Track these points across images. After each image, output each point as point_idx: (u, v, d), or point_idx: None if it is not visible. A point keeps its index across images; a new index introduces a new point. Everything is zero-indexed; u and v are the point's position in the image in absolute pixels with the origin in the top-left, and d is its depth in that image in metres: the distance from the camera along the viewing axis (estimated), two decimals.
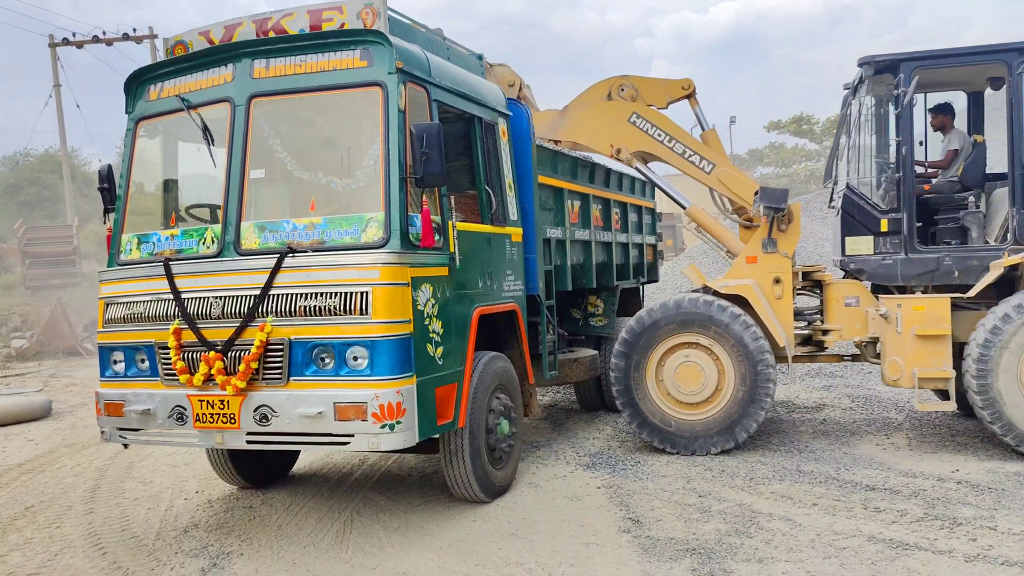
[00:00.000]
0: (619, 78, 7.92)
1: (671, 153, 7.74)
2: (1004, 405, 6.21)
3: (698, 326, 6.83)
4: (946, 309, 6.48)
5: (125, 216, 5.60)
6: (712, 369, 6.82)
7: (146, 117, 5.60)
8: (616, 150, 7.78)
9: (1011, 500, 5.32)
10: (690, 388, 6.86)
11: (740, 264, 7.27)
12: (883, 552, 4.52)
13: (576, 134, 7.86)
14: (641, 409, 6.94)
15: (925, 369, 6.49)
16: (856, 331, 7.11)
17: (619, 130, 7.77)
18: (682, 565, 4.47)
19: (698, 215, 7.95)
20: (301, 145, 5.43)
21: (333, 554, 4.91)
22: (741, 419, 6.72)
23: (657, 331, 6.93)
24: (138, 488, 6.74)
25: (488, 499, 5.68)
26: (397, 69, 4.91)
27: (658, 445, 6.92)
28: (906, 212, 6.79)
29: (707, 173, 7.70)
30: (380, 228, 4.78)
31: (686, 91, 7.92)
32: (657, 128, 7.73)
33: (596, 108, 7.91)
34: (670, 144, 7.73)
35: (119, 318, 5.37)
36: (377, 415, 4.61)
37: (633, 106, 7.79)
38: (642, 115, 7.75)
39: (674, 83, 7.95)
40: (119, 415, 5.27)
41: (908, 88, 6.66)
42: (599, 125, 7.84)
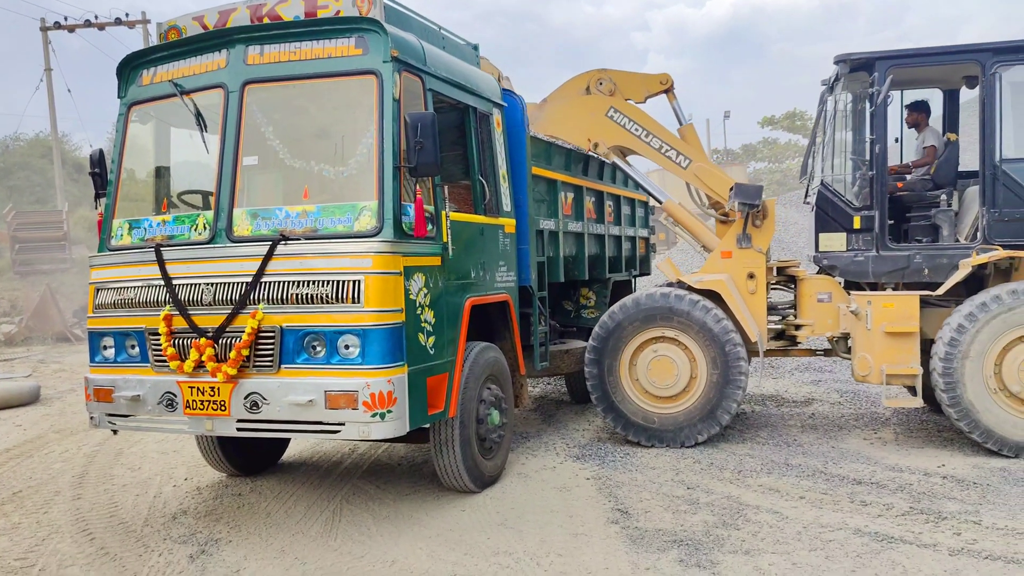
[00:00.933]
0: (597, 72, 7.92)
1: (648, 148, 7.76)
2: (972, 406, 6.25)
3: (661, 319, 6.89)
4: (915, 307, 6.52)
5: (116, 201, 5.57)
6: (683, 359, 6.87)
7: (138, 102, 5.57)
8: (593, 144, 7.79)
9: (996, 495, 5.37)
10: (665, 381, 6.90)
11: (715, 259, 7.30)
12: (868, 545, 4.56)
13: (554, 128, 7.84)
14: (622, 411, 6.97)
15: (893, 366, 6.54)
16: (828, 327, 7.15)
17: (596, 124, 7.77)
18: (669, 556, 4.50)
19: (674, 209, 7.96)
20: (295, 132, 5.41)
21: (322, 542, 4.92)
22: (720, 402, 6.76)
23: (623, 331, 6.98)
24: (127, 474, 6.73)
25: (477, 489, 5.70)
26: (392, 58, 4.90)
27: (645, 443, 6.94)
28: (878, 210, 6.83)
29: (683, 168, 7.71)
30: (373, 217, 4.78)
31: (664, 86, 7.93)
32: (634, 123, 7.74)
33: (574, 102, 7.91)
34: (647, 139, 7.74)
35: (109, 303, 5.35)
36: (368, 404, 4.61)
37: (611, 100, 7.80)
38: (619, 109, 7.76)
39: (652, 78, 7.97)
40: (108, 401, 5.25)
41: (883, 86, 6.68)
42: (577, 119, 7.83)
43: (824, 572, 4.21)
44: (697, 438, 6.84)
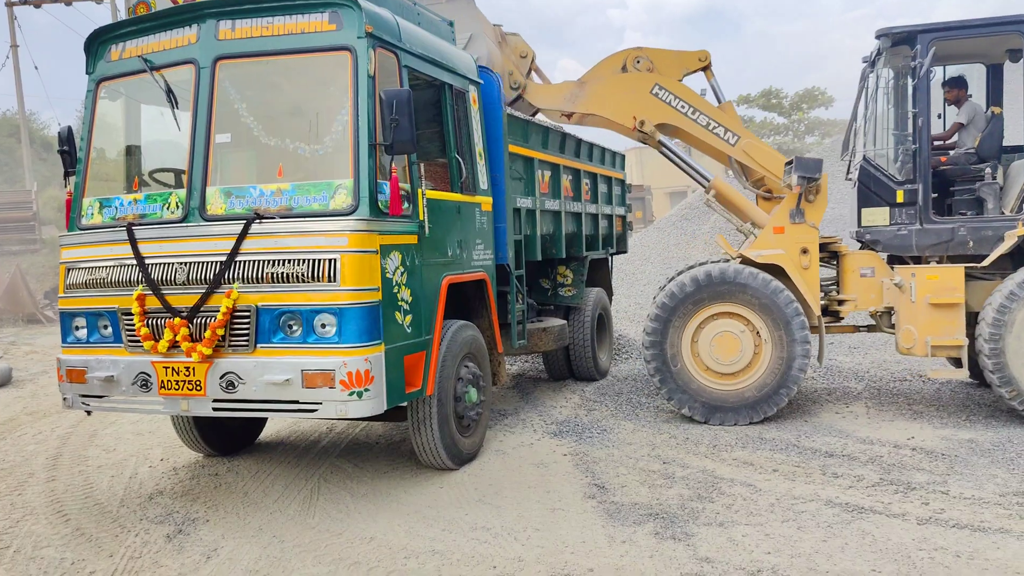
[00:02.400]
0: (633, 50, 7.79)
1: (695, 125, 7.63)
2: (1014, 369, 6.35)
3: (732, 295, 6.81)
4: (960, 278, 6.57)
5: (86, 180, 5.49)
6: (748, 335, 6.83)
7: (107, 78, 5.47)
8: (639, 122, 7.60)
9: (963, 466, 5.49)
10: (730, 358, 6.84)
11: (767, 235, 7.21)
12: (839, 516, 4.65)
13: (596, 106, 7.72)
14: (684, 389, 6.90)
15: (938, 337, 6.59)
16: (871, 301, 7.15)
17: (641, 102, 7.63)
18: (645, 529, 4.56)
19: (723, 187, 7.82)
20: (268, 109, 5.35)
21: (300, 520, 4.93)
22: (785, 378, 6.72)
23: (691, 304, 6.89)
24: (101, 456, 6.68)
25: (455, 466, 5.73)
26: (366, 33, 4.85)
27: (699, 419, 6.89)
28: (922, 183, 6.82)
29: (732, 145, 7.61)
30: (349, 195, 4.75)
31: (702, 63, 7.81)
32: (680, 99, 7.62)
33: (617, 79, 7.75)
34: (693, 116, 7.62)
35: (81, 283, 5.29)
36: (345, 382, 4.61)
37: (655, 77, 7.65)
38: (664, 86, 7.62)
39: (690, 55, 7.84)
40: (81, 381, 5.21)
41: (924, 60, 6.66)
42: (620, 97, 7.69)
43: (796, 543, 4.29)
44: (753, 418, 6.80)
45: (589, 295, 8.86)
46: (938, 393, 7.81)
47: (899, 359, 9.80)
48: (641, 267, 14.38)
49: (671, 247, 14.71)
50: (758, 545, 4.28)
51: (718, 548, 4.26)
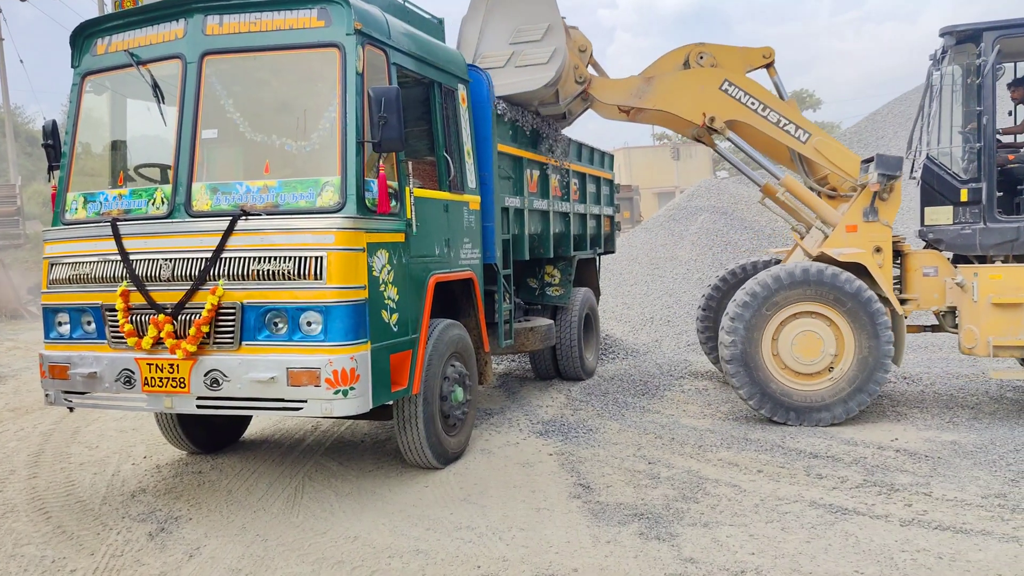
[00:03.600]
0: (696, 46, 7.72)
1: (765, 122, 7.52)
2: None
3: (815, 294, 6.73)
4: None
5: (71, 174, 5.44)
6: (829, 335, 6.75)
7: (93, 72, 5.42)
8: (709, 119, 7.51)
9: (946, 468, 5.52)
10: (810, 358, 6.77)
11: (840, 233, 7.13)
12: (823, 516, 4.67)
13: (664, 102, 7.61)
14: (764, 388, 6.80)
15: (1001, 337, 6.56)
16: (934, 301, 7.08)
17: (711, 98, 7.51)
18: (630, 529, 4.57)
19: (794, 184, 7.68)
20: (255, 105, 5.32)
21: (284, 518, 4.91)
22: (869, 379, 6.65)
23: (773, 302, 6.80)
24: (84, 453, 6.63)
25: (441, 465, 5.72)
26: (355, 30, 4.83)
27: (777, 419, 6.80)
28: (986, 182, 6.76)
29: (803, 142, 7.51)
30: (336, 192, 4.73)
31: (767, 59, 7.72)
32: (750, 96, 7.51)
33: (686, 75, 7.65)
34: (764, 112, 7.51)
35: (64, 279, 5.24)
36: (330, 381, 4.59)
37: (724, 73, 7.56)
38: (734, 82, 7.51)
39: (754, 51, 7.75)
40: (64, 378, 5.16)
41: (989, 58, 6.63)
42: (689, 93, 7.57)
43: (780, 543, 4.30)
44: (831, 420, 6.72)
45: (576, 295, 8.87)
46: (922, 395, 7.86)
47: None
48: (629, 267, 14.40)
49: (659, 247, 14.74)
50: (742, 546, 4.29)
51: (702, 548, 4.27)
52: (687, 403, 7.77)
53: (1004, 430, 6.44)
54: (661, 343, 11.55)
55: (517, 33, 7.39)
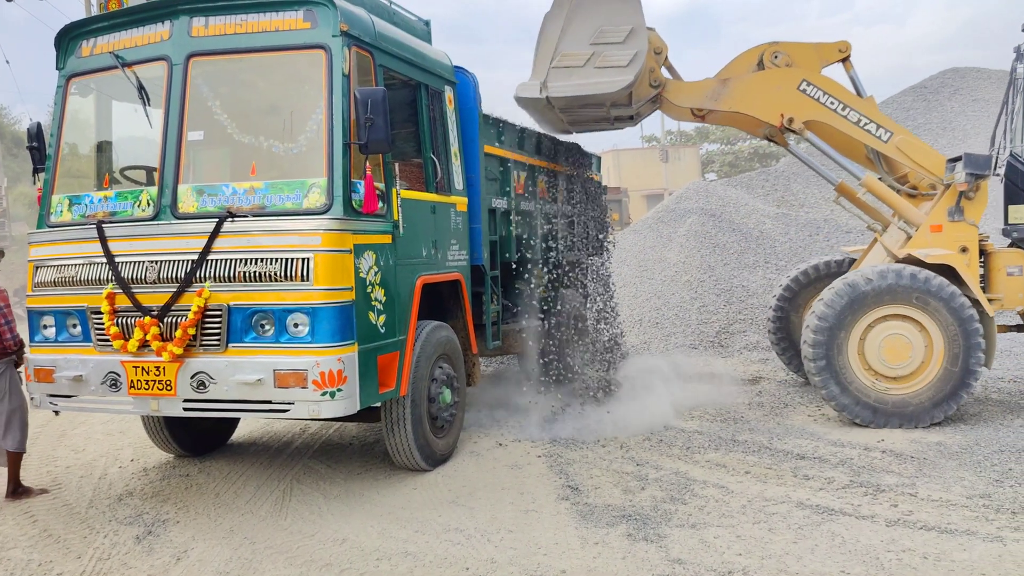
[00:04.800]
0: (769, 45, 7.64)
1: (845, 121, 7.37)
2: None
3: (904, 297, 6.63)
4: None
5: (56, 176, 5.42)
6: (918, 338, 6.66)
7: (78, 74, 5.40)
8: (787, 120, 7.38)
9: (932, 469, 5.56)
10: (899, 361, 6.68)
11: (924, 233, 7.04)
12: (810, 517, 4.69)
13: (741, 103, 7.52)
14: (850, 391, 6.72)
15: None
16: (1019, 300, 7.00)
17: (788, 99, 7.39)
18: (618, 530, 4.57)
19: (875, 184, 7.50)
20: (242, 107, 5.30)
21: (272, 521, 4.89)
22: (960, 382, 6.57)
23: (861, 304, 6.70)
24: (70, 456, 6.59)
25: (429, 467, 5.71)
26: (341, 32, 4.83)
27: (860, 421, 6.72)
28: None
29: (884, 141, 7.36)
30: (322, 194, 4.72)
31: (843, 54, 7.60)
32: (829, 95, 7.37)
33: (762, 76, 7.57)
34: (843, 112, 7.36)
35: (49, 281, 5.21)
36: (318, 382, 4.58)
37: (801, 72, 7.45)
38: (812, 82, 7.39)
39: (829, 46, 7.62)
40: (49, 381, 5.13)
41: None
42: (766, 94, 7.46)
43: (767, 544, 4.32)
44: (928, 420, 6.63)
45: (564, 297, 8.86)
46: None
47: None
48: (617, 269, 14.40)
49: (647, 249, 14.76)
50: (729, 546, 4.31)
51: (690, 549, 4.28)
52: (675, 405, 7.77)
53: (989, 431, 6.48)
54: (650, 345, 11.57)
55: (600, 34, 7.30)
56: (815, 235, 14.48)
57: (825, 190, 17.92)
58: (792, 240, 14.43)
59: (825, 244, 14.17)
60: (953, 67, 20.25)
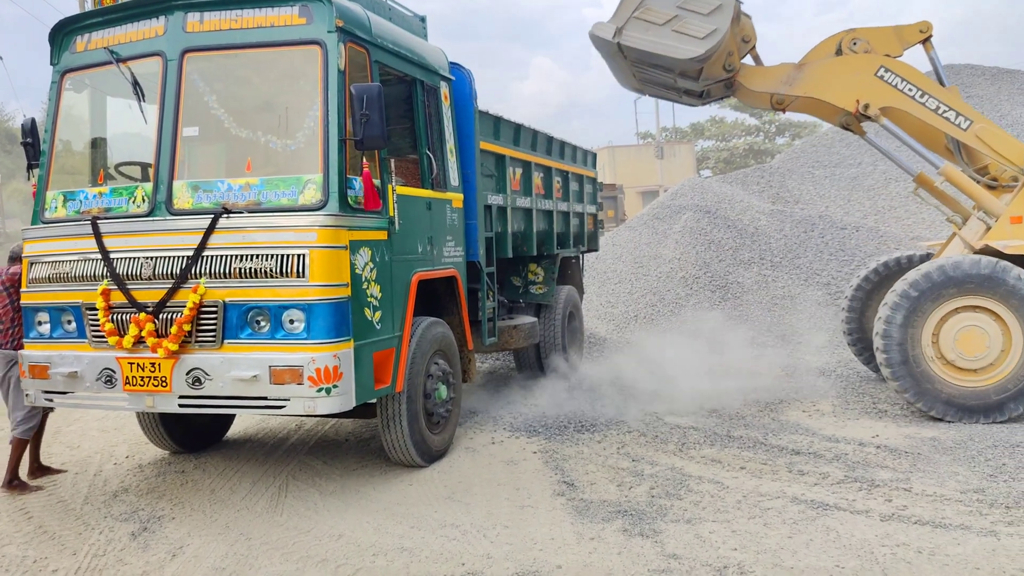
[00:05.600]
0: (847, 32, 7.55)
1: (923, 109, 7.28)
2: None
3: (981, 288, 6.55)
4: None
5: (50, 172, 5.40)
6: (997, 334, 6.58)
7: (72, 69, 5.39)
8: (863, 106, 7.28)
9: (926, 464, 5.58)
10: (975, 353, 6.59)
11: (1004, 225, 6.94)
12: (805, 512, 4.70)
13: (816, 89, 7.46)
14: (924, 384, 6.65)
15: None
16: None
17: (865, 85, 7.31)
18: (613, 526, 4.59)
19: (954, 174, 7.37)
20: (237, 103, 5.29)
21: (268, 517, 4.89)
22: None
23: (935, 296, 6.62)
24: (65, 453, 6.58)
25: (425, 463, 5.72)
26: (337, 28, 4.82)
27: (936, 415, 6.66)
28: None
29: (963, 130, 7.26)
30: (318, 190, 4.72)
31: (924, 35, 7.46)
32: (907, 82, 7.28)
33: (840, 62, 7.48)
34: (922, 99, 7.27)
35: (44, 278, 5.20)
36: (313, 379, 4.58)
37: (881, 59, 7.35)
38: (891, 68, 7.30)
39: (909, 28, 7.50)
40: (44, 377, 5.13)
41: None
42: (843, 80, 7.38)
43: (761, 539, 4.33)
44: (1007, 414, 6.55)
45: (560, 293, 8.89)
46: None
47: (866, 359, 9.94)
48: (613, 266, 14.43)
49: (642, 246, 14.77)
50: (725, 541, 4.32)
51: (685, 545, 4.29)
52: (670, 401, 7.79)
53: (982, 427, 6.51)
54: (645, 341, 11.58)
55: None
56: (810, 232, 14.50)
57: (820, 187, 17.98)
58: (787, 237, 14.46)
59: (820, 241, 14.20)
60: (947, 63, 20.25)
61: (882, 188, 17.29)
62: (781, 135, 47.41)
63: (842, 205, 17.10)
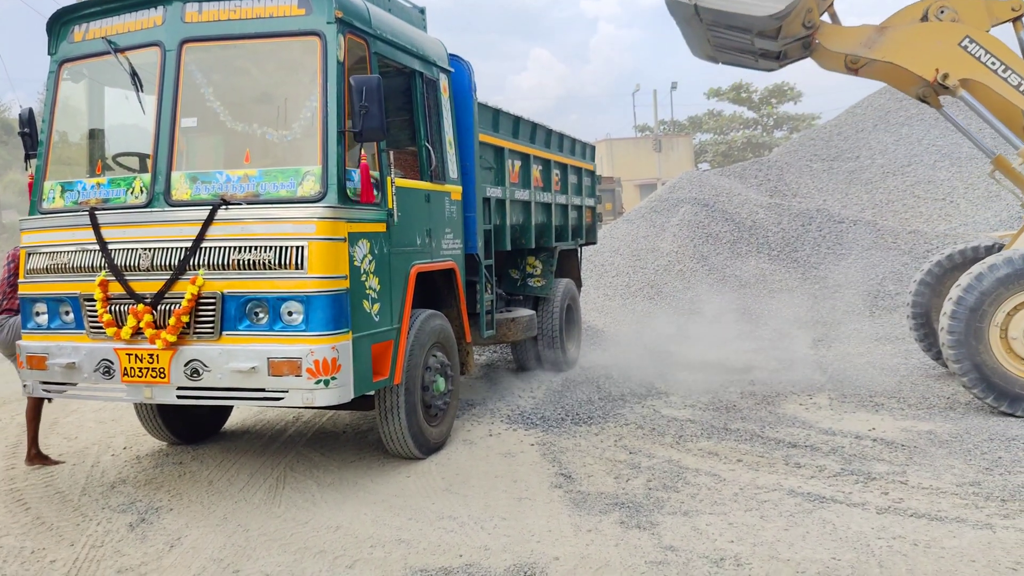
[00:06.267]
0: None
1: (1004, 84, 7.03)
2: None
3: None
4: None
5: (48, 162, 5.39)
6: None
7: (70, 59, 5.36)
8: (942, 75, 7.09)
9: (922, 457, 5.60)
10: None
11: None
12: (801, 505, 4.72)
13: (896, 54, 7.25)
14: (992, 379, 6.56)
15: None
16: None
17: (947, 54, 7.10)
18: (611, 518, 4.60)
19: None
20: (235, 94, 5.28)
21: (265, 509, 4.90)
22: None
23: (1003, 287, 6.53)
24: (63, 444, 6.58)
25: (423, 456, 5.72)
26: (336, 19, 4.80)
27: (1005, 410, 6.57)
28: None
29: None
30: (317, 182, 4.71)
31: (1016, 12, 7.25)
32: (991, 55, 7.05)
33: (923, 28, 7.27)
34: (1004, 74, 7.04)
35: (41, 268, 5.19)
36: (312, 371, 4.58)
37: (965, 28, 7.13)
38: (976, 40, 7.08)
39: (1001, 4, 7.28)
40: (42, 368, 5.12)
41: None
42: (923, 47, 7.18)
43: (758, 531, 4.35)
44: None
45: (558, 286, 8.89)
46: (899, 386, 7.96)
47: (861, 351, 9.98)
48: (611, 259, 14.45)
49: (640, 239, 14.78)
50: (721, 534, 4.33)
51: (682, 537, 4.31)
52: (668, 394, 7.82)
53: (979, 420, 6.53)
54: (642, 334, 11.60)
55: None
56: (808, 225, 14.53)
57: (818, 180, 17.98)
58: (785, 230, 14.48)
59: (818, 234, 14.22)
60: None
61: (880, 182, 17.31)
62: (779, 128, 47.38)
63: (840, 199, 17.12)
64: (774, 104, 46.83)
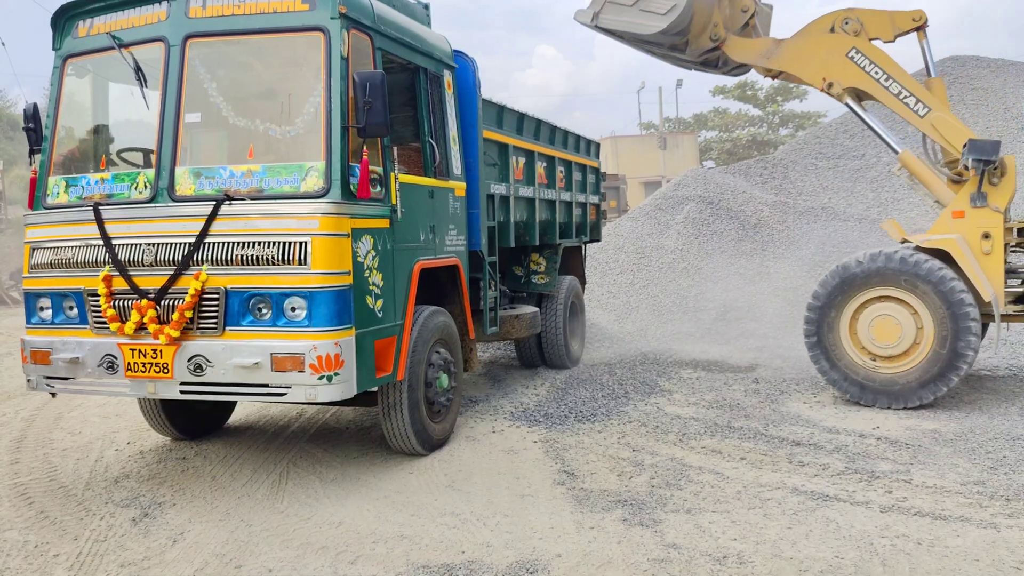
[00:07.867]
0: (844, 11, 7.66)
1: (885, 92, 7.46)
2: None
3: (888, 279, 6.80)
4: None
5: (52, 158, 5.39)
6: (908, 320, 6.79)
7: (74, 55, 5.37)
8: (828, 84, 7.56)
9: (926, 456, 5.58)
10: (887, 341, 6.85)
11: (946, 219, 7.05)
12: (804, 503, 4.71)
13: (788, 64, 7.72)
14: (835, 362, 7.02)
15: None
16: None
17: (834, 64, 7.54)
18: (614, 515, 4.59)
19: (909, 161, 7.52)
20: (239, 89, 5.28)
21: (268, 504, 4.90)
22: (948, 365, 6.64)
23: (853, 285, 6.93)
24: (66, 439, 6.59)
25: (425, 452, 5.72)
26: (340, 14, 4.80)
27: (853, 400, 6.97)
28: None
29: (920, 117, 7.38)
30: (320, 177, 4.70)
31: (916, 23, 7.54)
32: (875, 65, 7.45)
33: (813, 40, 7.71)
34: (886, 83, 7.44)
35: (46, 263, 5.20)
36: (315, 366, 4.58)
37: (854, 41, 7.52)
38: (861, 50, 7.48)
39: (903, 15, 7.61)
40: (46, 363, 5.13)
41: None
42: (813, 57, 7.63)
43: (761, 529, 4.34)
44: (916, 401, 6.77)
45: (562, 283, 8.88)
46: None
47: None
48: (615, 256, 14.43)
49: (645, 236, 14.76)
50: (724, 532, 4.33)
51: (685, 534, 4.30)
52: (671, 391, 7.81)
53: (983, 419, 6.51)
54: (646, 332, 11.59)
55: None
56: (812, 223, 14.49)
57: (823, 179, 17.93)
58: (789, 228, 14.45)
59: (823, 233, 14.19)
60: (952, 55, 20.17)
61: (885, 180, 17.24)
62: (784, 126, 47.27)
63: (845, 197, 17.06)
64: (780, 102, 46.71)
